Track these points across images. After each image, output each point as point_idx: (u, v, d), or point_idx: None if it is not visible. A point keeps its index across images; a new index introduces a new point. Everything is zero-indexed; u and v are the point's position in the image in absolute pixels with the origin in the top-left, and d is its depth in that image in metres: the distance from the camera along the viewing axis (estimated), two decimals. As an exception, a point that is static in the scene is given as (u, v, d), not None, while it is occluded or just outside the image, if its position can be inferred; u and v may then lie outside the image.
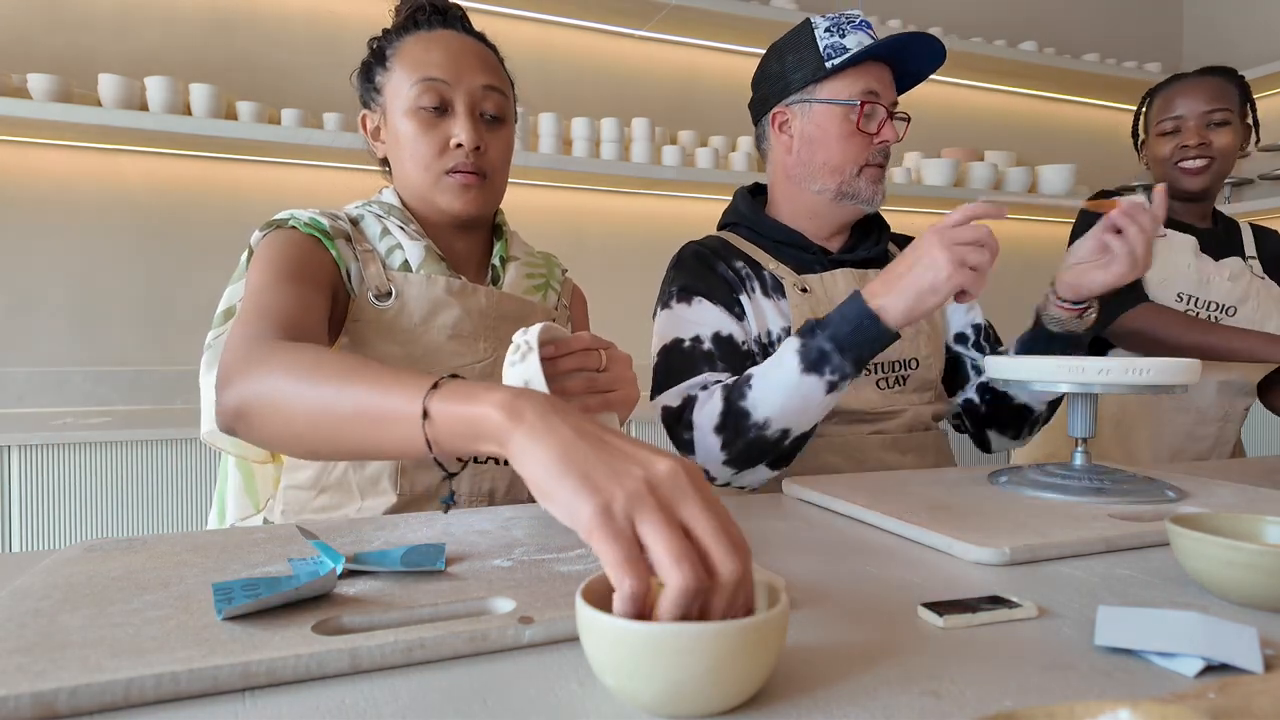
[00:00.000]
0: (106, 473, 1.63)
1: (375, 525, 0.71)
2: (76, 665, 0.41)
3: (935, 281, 0.86)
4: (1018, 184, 2.85)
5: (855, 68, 1.13)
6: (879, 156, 1.14)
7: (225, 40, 2.15)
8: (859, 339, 0.90)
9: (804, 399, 0.92)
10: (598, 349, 0.71)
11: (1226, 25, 3.33)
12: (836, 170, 1.14)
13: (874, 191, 1.16)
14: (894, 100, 1.15)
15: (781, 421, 0.94)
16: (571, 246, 2.49)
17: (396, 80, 0.89)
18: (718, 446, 0.97)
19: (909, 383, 1.17)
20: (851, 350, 0.90)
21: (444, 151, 0.88)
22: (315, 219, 0.86)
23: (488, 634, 0.46)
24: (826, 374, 0.91)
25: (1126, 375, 0.83)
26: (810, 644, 0.47)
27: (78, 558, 0.60)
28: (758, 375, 0.96)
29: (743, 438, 0.96)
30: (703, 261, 1.16)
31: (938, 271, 0.86)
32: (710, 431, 0.98)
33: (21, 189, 1.98)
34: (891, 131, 1.14)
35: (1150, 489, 0.84)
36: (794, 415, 0.94)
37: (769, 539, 0.73)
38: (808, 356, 0.91)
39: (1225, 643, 0.44)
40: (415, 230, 0.91)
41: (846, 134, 1.13)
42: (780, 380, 0.93)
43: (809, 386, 0.92)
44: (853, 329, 0.90)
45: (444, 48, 0.89)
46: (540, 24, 2.47)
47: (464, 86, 0.88)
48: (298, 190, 2.21)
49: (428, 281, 0.88)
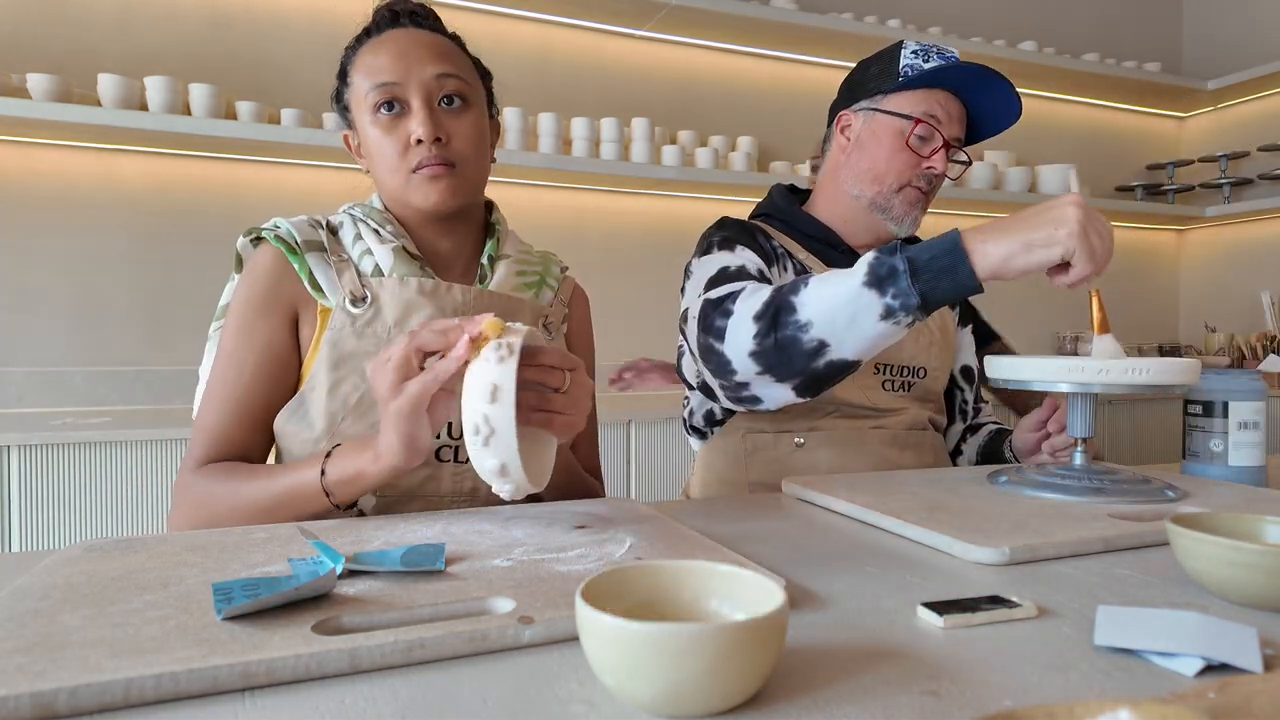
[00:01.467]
0: (106, 473, 1.63)
1: (375, 525, 0.71)
2: (76, 665, 0.41)
3: (1051, 237, 0.78)
4: (1017, 184, 2.85)
5: (925, 90, 1.13)
6: (922, 180, 1.13)
7: (225, 40, 2.14)
8: (936, 268, 0.80)
9: (855, 314, 0.83)
10: (564, 369, 0.71)
11: (1226, 25, 3.33)
12: (877, 180, 1.15)
13: (906, 212, 1.15)
14: (957, 136, 1.14)
15: (823, 330, 0.85)
16: (571, 246, 2.49)
17: (356, 92, 0.89)
18: (750, 335, 0.89)
19: (913, 389, 1.19)
20: (924, 278, 0.80)
21: (407, 150, 0.88)
22: (290, 231, 0.89)
23: (488, 634, 0.46)
24: (888, 296, 0.81)
25: (1126, 375, 0.83)
26: (810, 644, 0.47)
27: (78, 558, 0.60)
28: (817, 278, 0.87)
29: (779, 331, 0.87)
30: (743, 227, 1.17)
31: (1059, 227, 0.78)
32: (748, 318, 0.89)
33: (21, 189, 1.98)
34: (941, 161, 1.12)
35: (1150, 489, 0.84)
36: (839, 329, 0.84)
37: (769, 539, 0.73)
38: (876, 270, 0.82)
39: (1225, 643, 0.44)
40: (391, 232, 0.91)
41: (896, 148, 1.13)
42: (838, 287, 0.84)
43: (865, 302, 0.82)
44: (932, 256, 0.80)
45: (391, 48, 0.88)
46: (540, 24, 2.47)
47: (414, 80, 0.87)
48: (297, 190, 2.21)
49: (400, 284, 0.88)
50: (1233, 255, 3.30)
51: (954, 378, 1.30)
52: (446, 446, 0.87)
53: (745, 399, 0.96)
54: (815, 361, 0.87)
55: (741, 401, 0.97)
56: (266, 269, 0.88)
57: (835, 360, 0.87)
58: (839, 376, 0.90)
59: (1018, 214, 0.82)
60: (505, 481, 0.63)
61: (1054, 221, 0.79)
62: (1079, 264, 0.79)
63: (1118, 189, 3.31)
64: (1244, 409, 0.98)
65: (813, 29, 2.53)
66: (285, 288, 0.88)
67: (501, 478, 0.63)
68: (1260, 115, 3.21)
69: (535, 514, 0.76)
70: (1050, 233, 0.79)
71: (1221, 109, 3.35)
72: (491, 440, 0.61)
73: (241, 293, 0.88)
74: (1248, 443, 0.98)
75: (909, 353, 1.18)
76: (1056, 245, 0.79)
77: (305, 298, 0.88)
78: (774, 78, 2.78)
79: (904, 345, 1.17)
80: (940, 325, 1.24)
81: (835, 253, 1.19)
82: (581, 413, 0.72)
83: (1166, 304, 3.48)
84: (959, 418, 1.31)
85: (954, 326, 1.29)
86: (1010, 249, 0.79)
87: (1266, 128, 3.17)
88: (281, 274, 0.88)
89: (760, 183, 2.44)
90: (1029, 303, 3.17)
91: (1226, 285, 3.31)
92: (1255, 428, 0.98)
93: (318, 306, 0.88)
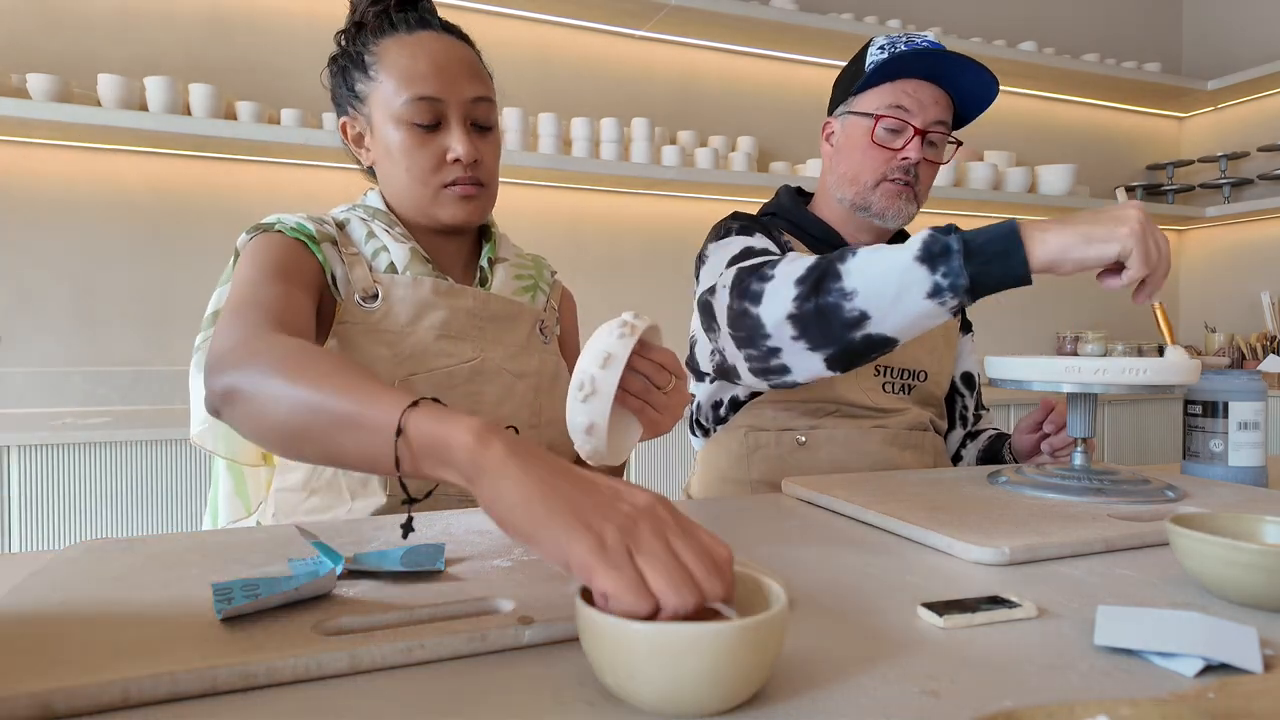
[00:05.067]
0: (106, 473, 1.63)
1: (375, 525, 0.71)
2: (75, 665, 0.40)
3: (1111, 234, 0.78)
4: (1017, 184, 2.85)
5: (890, 84, 1.13)
6: (898, 173, 1.13)
7: (225, 41, 2.14)
8: (990, 252, 0.79)
9: (902, 287, 0.82)
10: (673, 374, 0.73)
11: (1226, 25, 3.33)
12: (854, 181, 1.15)
13: (887, 206, 1.14)
14: (937, 120, 1.12)
15: (867, 300, 0.83)
16: (571, 246, 2.49)
17: (385, 91, 0.87)
18: (790, 298, 0.87)
19: (914, 392, 1.19)
20: (975, 259, 0.79)
21: (441, 166, 0.88)
22: (301, 224, 0.86)
23: (488, 634, 0.46)
24: (938, 274, 0.80)
25: (1126, 375, 0.83)
26: (810, 644, 0.47)
27: (78, 558, 0.60)
28: (867, 249, 0.86)
29: (821, 297, 0.85)
30: (756, 220, 1.18)
31: (1120, 225, 0.78)
32: (791, 281, 0.88)
33: (21, 189, 1.98)
34: (916, 149, 1.11)
35: (1150, 489, 0.84)
36: (884, 302, 0.83)
37: (769, 539, 0.73)
38: (930, 246, 0.81)
39: (1225, 643, 0.44)
40: (400, 233, 0.90)
41: (867, 146, 1.13)
42: (890, 258, 0.83)
43: (914, 277, 0.81)
44: (988, 240, 0.79)
45: (430, 57, 0.87)
46: (540, 24, 2.47)
47: (456, 99, 0.87)
48: (297, 190, 2.21)
49: (414, 283, 0.88)
50: (1232, 255, 3.30)
51: (955, 384, 1.30)
52: None
53: (773, 369, 0.93)
54: (854, 332, 0.85)
55: (769, 373, 0.94)
56: (284, 249, 0.83)
57: (874, 335, 0.85)
58: (875, 353, 0.88)
59: (1077, 213, 0.81)
60: (589, 440, 0.67)
61: (1116, 220, 0.78)
62: (1134, 266, 0.78)
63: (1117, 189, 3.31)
64: (1244, 409, 0.98)
65: (813, 29, 2.53)
66: (308, 267, 0.84)
67: (587, 435, 0.67)
68: (1260, 115, 3.21)
69: (535, 514, 0.76)
70: (1111, 229, 0.78)
71: (1221, 109, 3.35)
72: (591, 399, 0.65)
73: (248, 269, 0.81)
74: (1248, 443, 0.98)
75: (910, 355, 1.18)
76: (1115, 242, 0.78)
77: (324, 287, 0.86)
78: (774, 78, 2.77)
79: (906, 347, 1.17)
80: (943, 331, 1.24)
81: None
82: (672, 418, 0.74)
83: (1167, 304, 3.48)
84: (959, 424, 1.31)
85: (956, 333, 1.29)
86: (1069, 241, 0.78)
87: (1266, 128, 3.17)
88: (301, 256, 0.84)
89: (760, 183, 2.44)
90: (1029, 303, 3.18)
91: (1226, 285, 3.31)
92: (1255, 428, 0.98)
93: (334, 302, 0.86)
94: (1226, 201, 3.17)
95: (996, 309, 3.09)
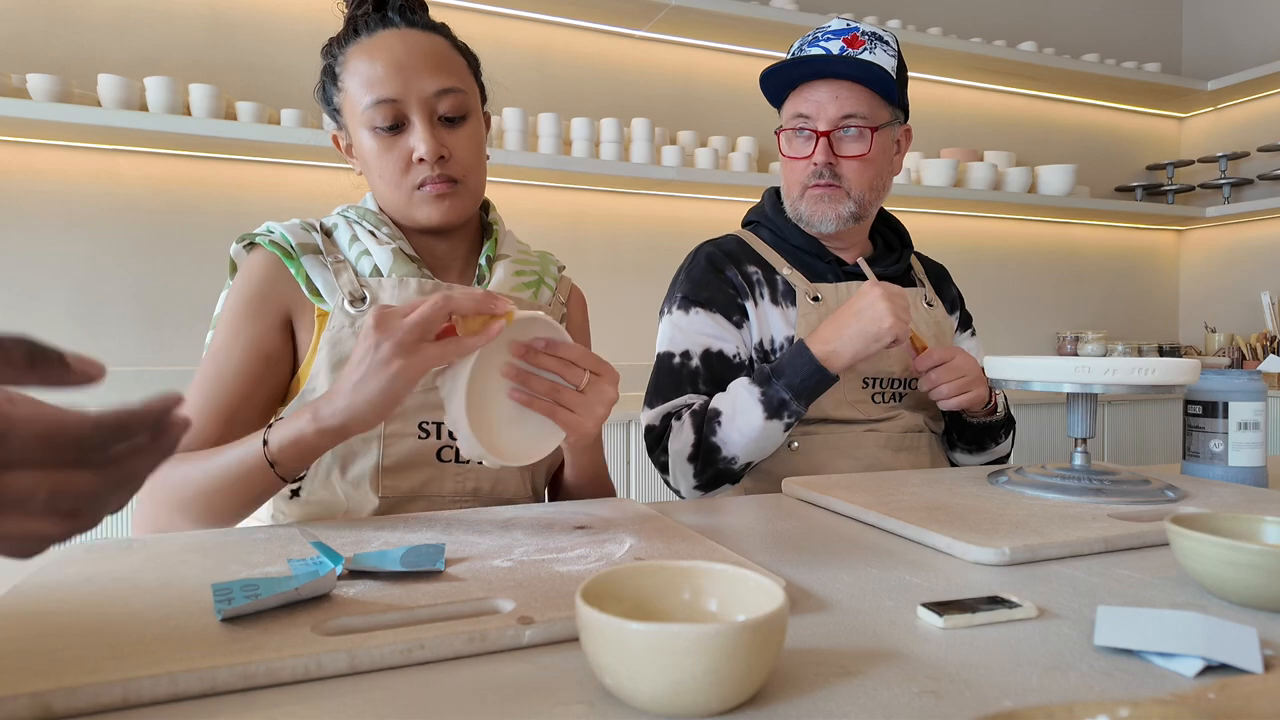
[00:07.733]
0: (106, 473, 1.63)
1: (375, 525, 0.71)
2: (76, 665, 0.41)
3: (879, 331, 1.00)
4: (1017, 184, 2.85)
5: (791, 96, 1.16)
6: (813, 179, 1.13)
7: (225, 41, 2.14)
8: (810, 385, 1.03)
9: (767, 440, 1.06)
10: (585, 369, 0.70)
11: (1226, 25, 3.33)
12: (788, 195, 1.20)
13: (814, 212, 1.15)
14: (845, 114, 1.11)
15: (747, 457, 1.07)
16: (571, 246, 2.49)
17: (351, 99, 0.87)
18: (691, 473, 1.09)
19: (904, 400, 1.19)
20: (805, 396, 1.04)
21: (409, 167, 0.86)
22: (284, 235, 0.88)
23: (488, 634, 0.46)
24: (785, 417, 1.04)
25: (1127, 375, 0.83)
26: (810, 644, 0.47)
27: (78, 558, 0.60)
28: (725, 416, 1.06)
29: (713, 468, 1.08)
30: (713, 266, 1.18)
31: (881, 321, 1.00)
32: (684, 460, 1.09)
33: (21, 189, 1.98)
34: (823, 152, 1.11)
35: (1150, 489, 0.84)
36: (758, 452, 1.07)
37: (769, 539, 0.73)
38: (769, 405, 1.03)
39: (1225, 643, 0.44)
40: (387, 234, 0.90)
41: (784, 160, 1.18)
42: (746, 425, 1.05)
43: (771, 429, 1.04)
44: (803, 379, 1.03)
45: (387, 57, 0.85)
46: (540, 24, 2.47)
47: (414, 96, 0.85)
48: (297, 190, 2.21)
49: (399, 284, 0.87)
50: (1232, 255, 3.30)
51: None
52: (448, 447, 0.87)
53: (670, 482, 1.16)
54: (745, 470, 1.10)
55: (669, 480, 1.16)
56: (259, 272, 0.87)
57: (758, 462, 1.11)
58: None
59: (842, 313, 1.04)
60: (462, 445, 0.67)
61: (873, 319, 1.01)
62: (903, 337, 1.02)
63: (1117, 189, 3.31)
64: (1244, 409, 0.98)
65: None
66: (279, 290, 0.87)
67: (460, 440, 0.67)
68: (1260, 115, 3.21)
69: (535, 515, 0.76)
70: (876, 329, 1.01)
71: (1221, 109, 3.35)
72: (447, 403, 0.67)
73: (233, 295, 0.88)
74: (1248, 443, 0.98)
75: (900, 365, 1.18)
76: (884, 335, 1.01)
77: (301, 302, 0.87)
78: (774, 78, 2.77)
79: (895, 358, 1.17)
80: (935, 336, 1.23)
81: (821, 264, 1.20)
82: (593, 418, 0.71)
83: (1166, 304, 3.48)
84: None
85: (951, 335, 1.29)
86: (855, 348, 1.02)
87: (1266, 128, 3.17)
88: (275, 278, 0.87)
89: (760, 183, 2.44)
90: (1029, 303, 3.18)
91: (1226, 285, 3.31)
92: (1255, 428, 0.98)
93: (315, 310, 0.87)
94: (1226, 201, 3.17)
95: (997, 309, 3.09)
